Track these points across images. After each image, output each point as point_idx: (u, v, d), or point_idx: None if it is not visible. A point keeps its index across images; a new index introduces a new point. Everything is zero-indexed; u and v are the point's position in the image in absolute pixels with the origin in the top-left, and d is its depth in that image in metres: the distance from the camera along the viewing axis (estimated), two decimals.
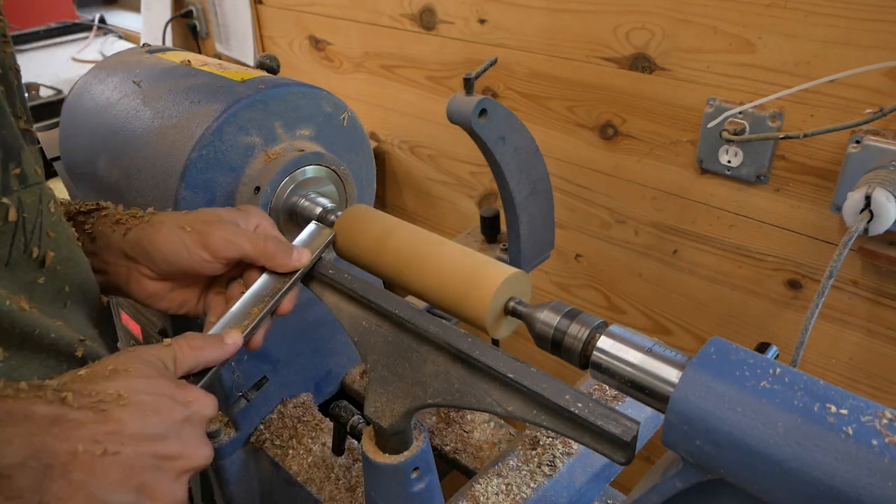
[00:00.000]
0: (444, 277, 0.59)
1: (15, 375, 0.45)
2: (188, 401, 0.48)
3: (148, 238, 0.59)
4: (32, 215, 0.47)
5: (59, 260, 0.51)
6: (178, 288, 0.63)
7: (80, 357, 0.50)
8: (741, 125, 0.94)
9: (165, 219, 0.61)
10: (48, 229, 0.49)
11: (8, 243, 0.45)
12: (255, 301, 0.60)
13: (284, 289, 0.61)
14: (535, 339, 0.54)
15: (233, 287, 0.63)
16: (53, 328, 0.48)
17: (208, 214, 0.62)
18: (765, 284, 1.05)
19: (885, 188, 0.80)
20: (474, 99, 0.72)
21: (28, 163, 0.47)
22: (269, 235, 0.62)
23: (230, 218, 0.62)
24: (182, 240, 0.59)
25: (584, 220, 1.26)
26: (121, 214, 0.62)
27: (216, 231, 0.59)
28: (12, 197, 0.45)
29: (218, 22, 1.91)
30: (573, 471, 0.74)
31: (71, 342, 0.50)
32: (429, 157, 1.52)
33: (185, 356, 0.52)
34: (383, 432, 0.55)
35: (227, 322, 0.59)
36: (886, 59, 0.81)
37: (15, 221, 0.45)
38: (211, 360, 0.54)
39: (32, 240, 0.48)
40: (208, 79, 0.76)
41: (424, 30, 1.36)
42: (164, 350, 0.51)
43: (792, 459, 0.37)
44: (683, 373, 0.43)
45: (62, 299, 0.52)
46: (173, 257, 0.59)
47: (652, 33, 1.01)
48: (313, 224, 0.68)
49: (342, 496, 0.78)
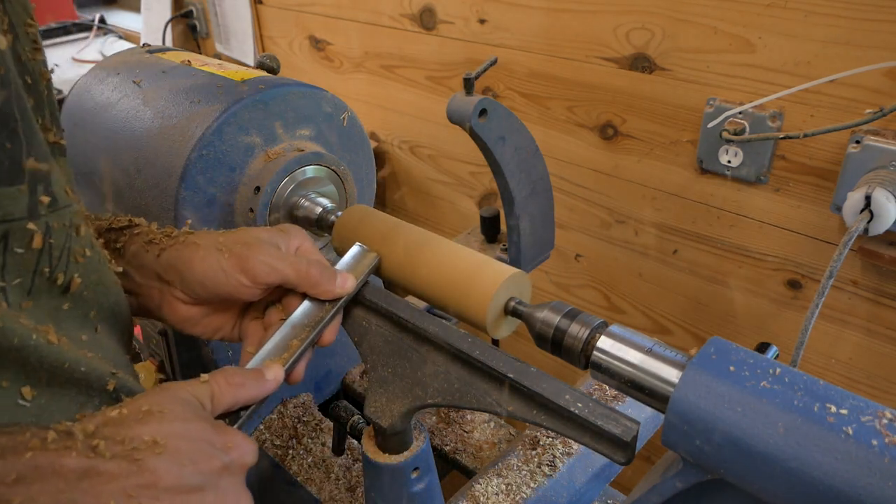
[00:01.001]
0: (444, 277, 0.59)
1: (44, 416, 0.42)
2: (228, 447, 0.44)
3: (183, 260, 0.56)
4: (60, 240, 0.44)
5: (87, 285, 0.47)
6: (213, 313, 0.59)
7: (112, 390, 0.47)
8: (741, 125, 0.94)
9: (201, 239, 0.57)
10: (76, 254, 0.46)
11: (31, 270, 0.42)
12: (297, 331, 0.56)
13: (327, 318, 0.57)
14: (535, 339, 0.54)
15: (271, 313, 0.59)
16: (83, 361, 0.45)
17: (247, 235, 0.58)
18: (765, 284, 1.05)
19: (885, 188, 0.80)
20: (474, 99, 0.72)
21: (58, 183, 0.44)
22: (312, 259, 0.58)
23: (270, 239, 0.58)
24: (219, 263, 0.55)
25: (584, 220, 1.26)
26: (154, 233, 0.58)
27: (256, 254, 0.55)
28: (39, 222, 0.42)
29: (218, 22, 1.91)
30: (573, 471, 0.74)
31: (102, 375, 0.46)
32: (429, 157, 1.52)
33: (223, 394, 0.48)
34: (383, 432, 0.55)
35: (267, 354, 0.55)
36: (886, 59, 0.81)
37: (40, 248, 0.42)
38: (250, 397, 0.50)
39: (58, 266, 0.44)
40: (208, 79, 0.76)
41: (424, 30, 1.36)
42: (200, 387, 0.47)
43: (792, 459, 0.37)
44: (683, 373, 0.43)
45: (91, 325, 0.48)
46: (210, 282, 0.55)
47: (652, 33, 1.01)
48: (357, 246, 0.63)
49: (342, 496, 0.78)
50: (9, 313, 0.39)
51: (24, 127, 0.40)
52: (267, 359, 0.54)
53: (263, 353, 0.55)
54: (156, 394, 0.44)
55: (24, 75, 0.42)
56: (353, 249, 0.63)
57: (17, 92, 0.39)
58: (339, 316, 0.59)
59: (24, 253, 0.41)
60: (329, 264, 0.59)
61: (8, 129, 0.38)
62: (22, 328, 0.39)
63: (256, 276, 0.55)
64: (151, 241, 0.58)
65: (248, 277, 0.55)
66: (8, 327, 0.38)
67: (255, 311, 0.60)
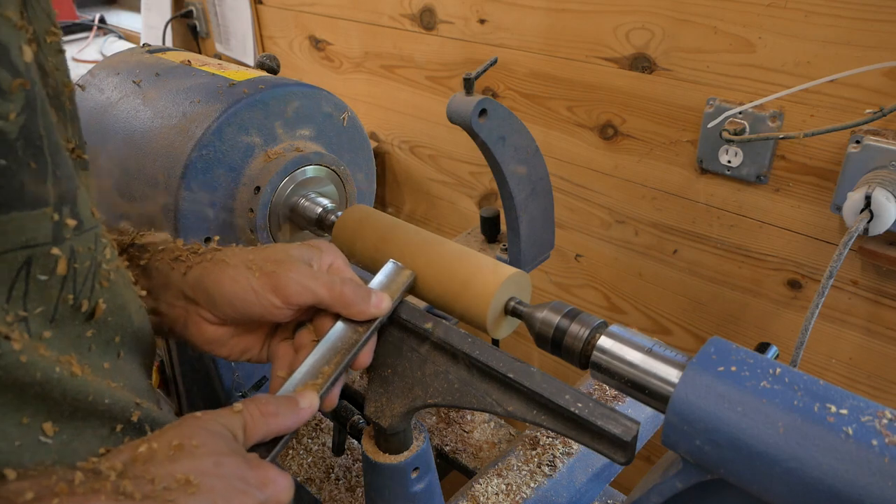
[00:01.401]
0: (444, 277, 0.59)
1: (66, 451, 0.40)
2: (263, 483, 0.42)
3: (211, 279, 0.53)
4: (85, 265, 0.41)
5: (111, 310, 0.45)
6: (240, 334, 0.56)
7: (136, 421, 0.45)
8: (741, 125, 0.94)
9: (229, 257, 0.54)
10: (101, 278, 0.43)
11: (55, 297, 0.39)
12: (330, 354, 0.53)
13: (362, 340, 0.54)
14: (535, 339, 0.54)
15: (301, 334, 0.56)
16: (107, 392, 0.42)
17: (278, 252, 0.55)
18: (765, 284, 1.05)
19: (885, 188, 0.80)
20: (474, 99, 0.72)
21: (83, 204, 0.41)
22: (346, 279, 0.55)
23: (301, 256, 0.55)
24: (249, 283, 0.52)
25: (584, 220, 1.26)
26: (180, 250, 0.56)
27: (288, 273, 0.53)
28: (64, 246, 0.39)
29: (218, 22, 1.91)
30: (573, 471, 0.74)
31: (126, 406, 0.44)
32: (429, 157, 1.52)
33: (256, 425, 0.46)
34: (383, 432, 0.55)
35: (300, 379, 0.52)
36: (886, 59, 0.81)
37: (64, 275, 0.39)
38: (284, 428, 0.48)
39: (82, 292, 0.41)
40: (208, 79, 0.76)
41: (424, 30, 1.36)
42: (232, 417, 0.45)
43: (792, 459, 0.37)
44: (683, 373, 0.43)
45: (114, 350, 0.46)
46: (239, 302, 0.52)
47: (652, 33, 1.01)
48: (391, 263, 0.60)
49: (342, 496, 0.79)
50: (30, 345, 0.37)
51: (50, 145, 0.37)
52: (300, 384, 0.52)
53: (296, 378, 0.52)
54: (186, 426, 0.42)
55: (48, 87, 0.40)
56: (387, 266, 0.60)
57: (42, 107, 0.37)
58: (374, 338, 0.56)
59: (48, 280, 0.38)
60: (363, 283, 0.56)
61: (33, 149, 0.36)
62: (44, 361, 0.37)
63: (289, 296, 0.52)
64: (177, 259, 0.55)
65: (280, 298, 0.52)
66: (30, 361, 0.36)
67: (284, 331, 0.57)
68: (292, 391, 0.51)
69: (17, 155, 0.35)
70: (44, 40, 0.41)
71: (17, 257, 0.36)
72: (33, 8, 0.39)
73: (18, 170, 0.35)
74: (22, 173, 0.35)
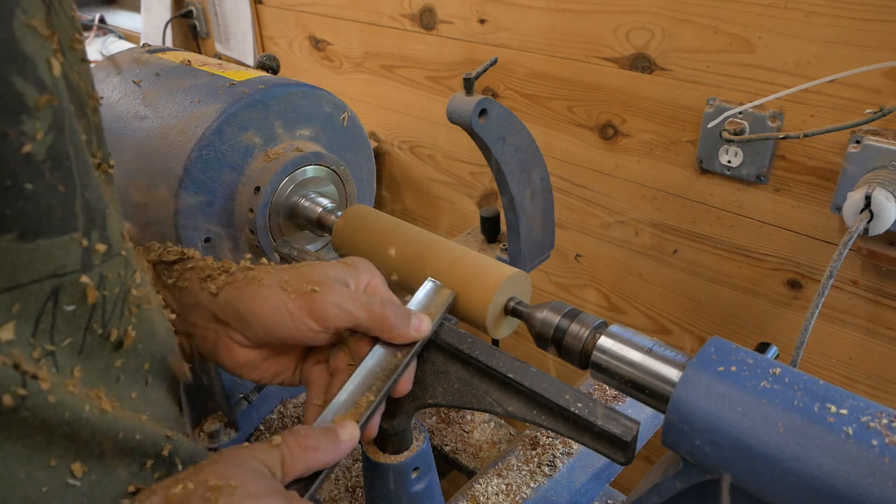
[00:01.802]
0: (444, 278, 0.59)
1: (95, 493, 0.38)
2: None
3: (245, 301, 0.50)
4: (114, 291, 0.39)
5: (140, 337, 0.43)
6: (273, 356, 0.54)
7: (167, 455, 0.43)
8: (741, 125, 0.94)
9: (263, 276, 0.51)
10: (131, 304, 0.41)
11: (83, 327, 0.37)
12: (369, 380, 0.50)
13: (402, 365, 0.51)
14: (535, 339, 0.54)
15: (337, 357, 0.53)
16: (138, 427, 0.40)
17: (314, 272, 0.52)
18: (765, 284, 1.05)
19: (885, 188, 0.80)
20: (474, 99, 0.72)
21: (113, 226, 0.39)
22: (385, 300, 0.52)
23: (339, 276, 0.52)
24: (285, 305, 0.49)
25: (584, 220, 1.26)
26: (210, 269, 0.53)
27: (325, 295, 0.50)
28: (93, 273, 0.36)
29: (218, 22, 1.91)
30: (573, 471, 0.74)
31: (157, 440, 0.42)
32: (429, 157, 1.52)
33: (295, 460, 0.43)
34: (383, 432, 0.55)
35: (339, 408, 0.49)
36: (886, 59, 0.81)
37: (94, 303, 0.37)
38: (325, 463, 0.45)
39: (112, 321, 0.39)
40: (208, 79, 0.76)
41: (424, 30, 1.36)
42: (270, 453, 0.43)
43: (792, 459, 0.37)
44: (683, 373, 0.43)
45: (142, 378, 0.44)
46: (273, 325, 0.50)
47: (652, 33, 1.01)
48: (430, 282, 0.58)
49: (342, 496, 0.78)
50: (59, 383, 0.35)
51: (78, 164, 0.35)
52: (338, 414, 0.49)
53: (334, 407, 0.49)
54: (222, 464, 0.40)
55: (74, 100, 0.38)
56: (425, 285, 0.57)
57: (70, 124, 0.34)
58: (414, 362, 0.53)
59: (76, 309, 0.36)
60: (401, 303, 0.53)
61: (61, 171, 0.34)
62: (73, 399, 0.35)
63: (326, 319, 0.49)
64: (208, 278, 0.52)
65: (318, 321, 0.49)
66: (59, 401, 0.34)
67: (318, 353, 0.55)
68: (331, 421, 0.48)
69: (45, 178, 0.33)
70: (68, 48, 0.39)
71: (43, 287, 0.34)
72: (57, 14, 0.37)
73: (46, 194, 0.33)
74: (50, 197, 0.33)
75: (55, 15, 0.36)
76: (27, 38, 0.31)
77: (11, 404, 0.31)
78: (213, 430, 0.84)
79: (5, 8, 0.30)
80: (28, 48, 0.31)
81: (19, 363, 0.32)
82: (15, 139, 0.31)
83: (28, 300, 0.33)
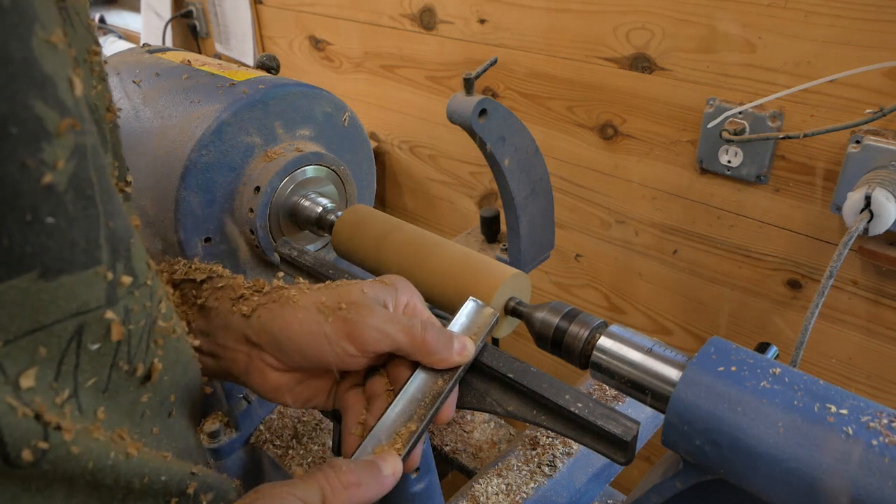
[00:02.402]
0: (444, 278, 0.59)
1: None
2: None
3: (279, 323, 0.48)
4: (140, 324, 0.37)
5: (166, 368, 0.40)
6: (306, 380, 0.51)
7: (192, 493, 0.41)
8: (741, 125, 0.94)
9: (299, 297, 0.49)
10: (156, 336, 0.39)
11: (108, 365, 0.35)
12: (411, 407, 0.48)
13: (445, 392, 0.48)
14: (535, 339, 0.54)
15: (375, 382, 0.50)
16: (163, 469, 0.38)
17: (352, 293, 0.49)
18: (765, 284, 1.05)
19: (885, 188, 0.80)
20: (474, 99, 0.72)
21: (138, 255, 0.36)
22: (426, 322, 0.50)
23: (377, 297, 0.49)
24: (322, 328, 0.47)
25: (584, 220, 1.26)
26: (241, 288, 0.50)
27: (364, 319, 0.47)
28: (117, 307, 0.34)
29: (218, 22, 1.91)
30: (573, 471, 0.74)
31: (182, 479, 0.40)
32: (429, 157, 1.52)
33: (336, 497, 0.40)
34: None
35: (379, 438, 0.46)
36: (886, 59, 0.81)
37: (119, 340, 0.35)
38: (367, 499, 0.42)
39: (137, 355, 0.37)
40: (208, 79, 0.76)
41: (424, 30, 1.36)
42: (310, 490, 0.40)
43: (792, 459, 0.37)
44: (683, 373, 0.43)
45: (166, 410, 0.42)
46: (310, 349, 0.47)
47: (652, 33, 1.01)
48: (471, 302, 0.54)
49: None
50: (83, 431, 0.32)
51: (101, 191, 0.32)
52: (379, 444, 0.46)
53: (374, 436, 0.46)
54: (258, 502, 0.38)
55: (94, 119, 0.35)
56: (467, 305, 0.54)
57: (93, 148, 0.32)
58: (457, 389, 0.50)
59: (101, 348, 0.34)
60: (442, 326, 0.51)
61: (84, 200, 0.31)
62: (97, 446, 0.33)
63: (366, 343, 0.47)
64: (241, 298, 0.50)
65: (356, 346, 0.47)
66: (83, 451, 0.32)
67: (353, 377, 0.52)
68: (370, 453, 0.45)
69: (67, 210, 0.30)
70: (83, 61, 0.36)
71: (66, 328, 0.31)
72: (73, 24, 0.34)
73: (68, 227, 0.30)
74: (73, 231, 0.30)
75: (70, 25, 0.34)
76: (46, 55, 0.28)
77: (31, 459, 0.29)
78: (213, 430, 0.84)
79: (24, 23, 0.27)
80: (48, 67, 0.28)
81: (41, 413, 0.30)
82: (34, 169, 0.28)
83: (50, 342, 0.31)
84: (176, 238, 0.70)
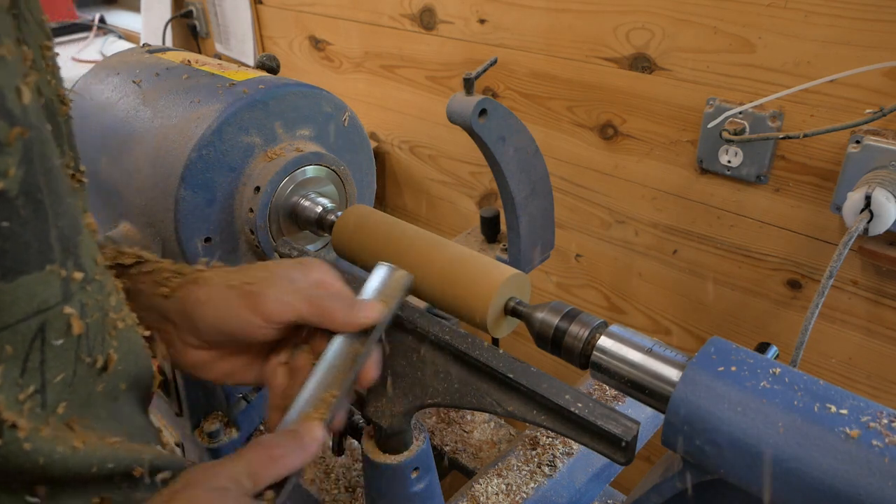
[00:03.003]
0: (444, 278, 0.59)
1: None
2: None
3: (191, 301, 0.50)
4: (95, 317, 0.39)
5: (121, 357, 0.42)
6: (227, 356, 0.53)
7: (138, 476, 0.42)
8: (741, 125, 0.94)
9: (212, 276, 0.52)
10: (110, 327, 0.41)
11: (72, 360, 0.36)
12: (330, 374, 0.49)
13: (363, 355, 0.50)
14: (535, 339, 0.54)
15: (299, 356, 0.53)
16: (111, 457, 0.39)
17: (260, 271, 0.52)
18: (765, 284, 1.05)
19: (885, 188, 0.80)
20: (474, 99, 0.72)
21: (86, 251, 0.38)
22: (332, 293, 0.52)
23: (285, 274, 0.52)
24: (229, 302, 0.50)
25: (584, 220, 1.26)
26: (165, 271, 0.53)
27: (268, 290, 0.50)
28: (73, 302, 0.36)
29: (218, 22, 1.91)
30: (573, 471, 0.74)
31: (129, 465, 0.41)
32: (429, 157, 1.52)
33: (263, 469, 0.43)
34: (383, 432, 0.55)
35: (301, 408, 0.48)
36: (886, 59, 0.81)
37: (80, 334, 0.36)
38: (293, 467, 0.44)
39: (96, 347, 0.39)
40: (208, 79, 0.76)
41: (424, 30, 1.36)
42: (237, 466, 0.42)
43: (792, 459, 0.37)
44: (683, 373, 0.43)
45: (115, 396, 0.43)
46: (219, 322, 0.50)
47: (652, 33, 1.01)
48: (382, 266, 0.55)
49: (342, 496, 0.79)
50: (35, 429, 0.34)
51: (50, 193, 0.34)
52: (302, 412, 0.47)
53: (297, 407, 0.48)
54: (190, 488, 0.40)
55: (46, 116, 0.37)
56: (378, 270, 0.55)
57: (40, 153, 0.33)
58: (378, 351, 0.52)
59: (63, 343, 0.35)
60: (352, 295, 0.53)
61: (34, 204, 0.33)
62: (45, 444, 0.35)
63: (269, 313, 0.49)
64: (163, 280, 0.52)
65: (261, 316, 0.49)
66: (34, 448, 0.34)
67: (279, 355, 0.54)
68: (295, 420, 0.47)
69: (20, 214, 0.32)
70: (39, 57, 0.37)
71: (30, 326, 0.33)
72: (26, 21, 0.35)
73: (22, 230, 0.32)
74: (25, 233, 0.32)
75: (24, 22, 0.35)
76: None
77: None
78: (212, 430, 0.84)
79: None
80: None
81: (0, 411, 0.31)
82: None
83: (16, 340, 0.33)
84: (176, 238, 0.70)
